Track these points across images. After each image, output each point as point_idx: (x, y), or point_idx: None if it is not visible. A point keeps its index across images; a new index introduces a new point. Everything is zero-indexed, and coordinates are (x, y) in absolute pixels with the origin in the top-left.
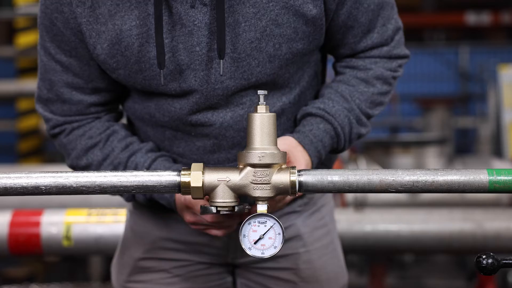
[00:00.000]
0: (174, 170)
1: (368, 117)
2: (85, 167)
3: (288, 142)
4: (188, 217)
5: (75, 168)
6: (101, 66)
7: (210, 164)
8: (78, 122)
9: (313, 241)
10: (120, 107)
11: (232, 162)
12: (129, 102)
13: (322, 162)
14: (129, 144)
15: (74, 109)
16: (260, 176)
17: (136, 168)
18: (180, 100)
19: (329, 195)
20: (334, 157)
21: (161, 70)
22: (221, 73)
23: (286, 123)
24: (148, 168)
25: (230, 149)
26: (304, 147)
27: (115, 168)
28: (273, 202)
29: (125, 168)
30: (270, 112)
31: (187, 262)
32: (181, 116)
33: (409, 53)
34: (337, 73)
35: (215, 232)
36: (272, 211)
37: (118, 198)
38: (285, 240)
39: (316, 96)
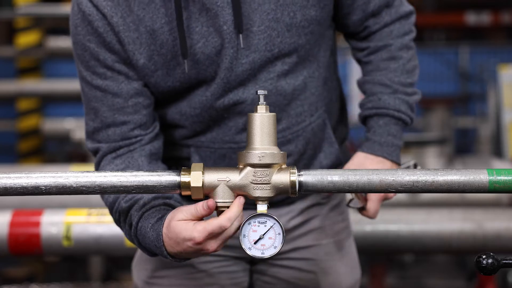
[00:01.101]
0: (174, 170)
1: (411, 85)
2: (105, 204)
3: (355, 162)
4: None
5: (102, 199)
6: (139, 73)
7: (242, 143)
8: (122, 149)
9: (333, 233)
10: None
11: None
12: (159, 111)
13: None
14: (129, 205)
15: (119, 132)
16: (260, 176)
17: (131, 222)
18: (211, 86)
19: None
20: (347, 153)
21: (185, 60)
22: (241, 46)
23: (310, 98)
24: (136, 228)
25: None
26: (374, 154)
27: (119, 216)
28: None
29: (124, 220)
30: (296, 85)
31: (212, 256)
32: (213, 103)
33: (413, 8)
34: (363, 63)
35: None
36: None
37: None
38: (309, 231)
39: (338, 81)
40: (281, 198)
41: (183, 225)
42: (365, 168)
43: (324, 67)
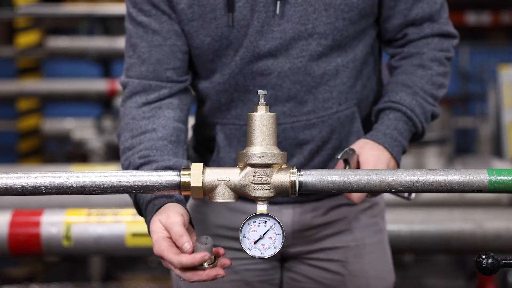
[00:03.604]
0: (174, 170)
1: (434, 97)
2: (120, 144)
3: (355, 145)
4: (161, 260)
5: (118, 140)
6: (178, 18)
7: None
8: (152, 94)
9: (363, 236)
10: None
11: (287, 116)
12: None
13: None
14: (152, 149)
15: (151, 70)
16: (260, 176)
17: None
18: (240, 50)
19: (383, 196)
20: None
21: (231, 14)
22: (277, 12)
23: (340, 86)
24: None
25: (285, 102)
26: (376, 141)
27: (128, 165)
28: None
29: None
30: (327, 70)
31: (236, 252)
32: (242, 68)
33: (458, 34)
34: (393, 68)
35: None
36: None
37: (118, 198)
38: (336, 233)
39: (378, 86)
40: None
41: (168, 244)
42: (363, 151)
43: (361, 62)
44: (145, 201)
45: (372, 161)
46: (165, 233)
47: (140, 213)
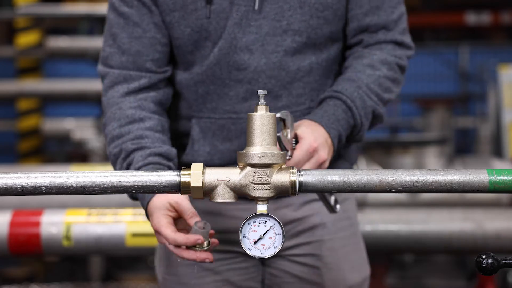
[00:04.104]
0: (174, 170)
1: (378, 97)
2: (106, 134)
3: (296, 124)
4: (156, 235)
5: (103, 129)
6: (159, 8)
7: (242, 113)
8: (133, 83)
9: (336, 230)
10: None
11: None
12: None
13: (343, 157)
14: (143, 137)
15: (131, 60)
16: (260, 176)
17: (131, 163)
18: (220, 42)
19: None
20: (355, 154)
21: (209, 5)
22: (256, 7)
23: (313, 83)
24: (137, 169)
25: None
26: (313, 120)
27: (120, 151)
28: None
29: (125, 158)
30: (301, 66)
31: (218, 253)
32: (220, 59)
33: (413, 46)
34: (343, 68)
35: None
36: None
37: (118, 198)
38: (310, 228)
39: None
40: None
41: (167, 221)
42: (299, 126)
43: (333, 62)
44: None
45: (309, 132)
46: (167, 211)
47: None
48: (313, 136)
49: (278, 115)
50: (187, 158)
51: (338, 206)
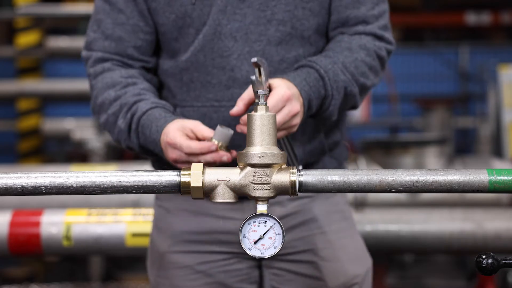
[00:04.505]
0: (174, 170)
1: (352, 76)
2: (100, 106)
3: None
4: (171, 154)
5: (94, 108)
6: None
7: (224, 101)
8: (112, 62)
9: (329, 223)
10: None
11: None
12: (159, 60)
13: (333, 155)
14: (141, 94)
15: (114, 46)
16: (260, 176)
17: (136, 112)
18: (204, 28)
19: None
20: (345, 152)
21: None
22: None
23: None
24: (144, 113)
25: (243, 84)
26: (285, 78)
27: (120, 108)
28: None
29: (128, 110)
30: (285, 57)
31: (210, 254)
32: (204, 45)
33: (394, 42)
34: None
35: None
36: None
37: (118, 198)
38: (301, 223)
39: None
40: None
41: (183, 133)
42: (272, 81)
43: None
44: (152, 123)
45: (283, 83)
46: (182, 130)
47: (145, 146)
48: (286, 86)
49: (254, 59)
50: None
51: (300, 167)
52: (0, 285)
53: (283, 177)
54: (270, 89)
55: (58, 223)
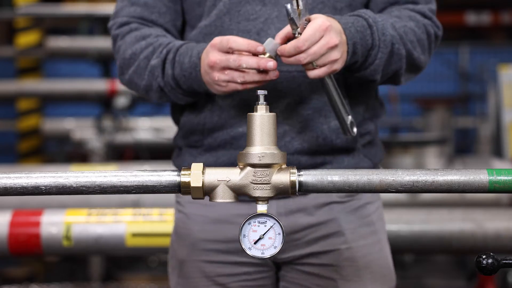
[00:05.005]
0: (174, 170)
1: (401, 38)
2: (130, 58)
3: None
4: (211, 57)
5: (122, 66)
6: None
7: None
8: (138, 24)
9: (356, 238)
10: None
11: None
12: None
13: (367, 154)
14: (173, 40)
15: (139, 11)
16: (260, 176)
17: (172, 48)
18: None
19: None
20: (380, 153)
21: None
22: None
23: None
24: (182, 45)
25: None
26: (330, 16)
27: (154, 50)
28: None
29: (163, 49)
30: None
31: (231, 265)
32: (230, 8)
33: (441, 28)
34: None
35: (249, 61)
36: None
37: (118, 198)
38: (326, 236)
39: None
40: None
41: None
42: (311, 18)
43: None
44: (193, 48)
45: (321, 16)
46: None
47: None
48: (326, 17)
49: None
50: (189, 117)
51: (355, 130)
52: (0, 285)
53: (283, 177)
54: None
55: (58, 223)
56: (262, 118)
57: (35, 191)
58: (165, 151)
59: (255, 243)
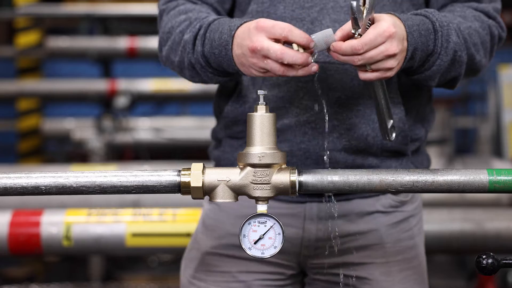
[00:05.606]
0: (174, 170)
1: (466, 43)
2: (168, 32)
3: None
4: (259, 42)
5: (161, 41)
6: None
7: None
8: (185, 0)
9: (395, 252)
10: None
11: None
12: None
13: (414, 162)
14: (210, 15)
15: None
16: (260, 176)
17: (205, 22)
18: None
19: (421, 205)
20: (426, 162)
21: None
22: None
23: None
24: (216, 19)
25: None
26: (395, 15)
27: (190, 23)
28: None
29: (197, 23)
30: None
31: (253, 264)
32: None
33: (505, 30)
34: None
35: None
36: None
37: (118, 198)
38: (364, 247)
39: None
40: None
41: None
42: (377, 18)
43: None
44: (225, 24)
45: (389, 18)
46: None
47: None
48: (393, 22)
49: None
50: (234, 106)
51: (393, 135)
52: (0, 285)
53: (283, 177)
54: (372, 23)
55: (58, 223)
56: (262, 118)
57: (35, 191)
58: (165, 151)
59: (255, 243)
